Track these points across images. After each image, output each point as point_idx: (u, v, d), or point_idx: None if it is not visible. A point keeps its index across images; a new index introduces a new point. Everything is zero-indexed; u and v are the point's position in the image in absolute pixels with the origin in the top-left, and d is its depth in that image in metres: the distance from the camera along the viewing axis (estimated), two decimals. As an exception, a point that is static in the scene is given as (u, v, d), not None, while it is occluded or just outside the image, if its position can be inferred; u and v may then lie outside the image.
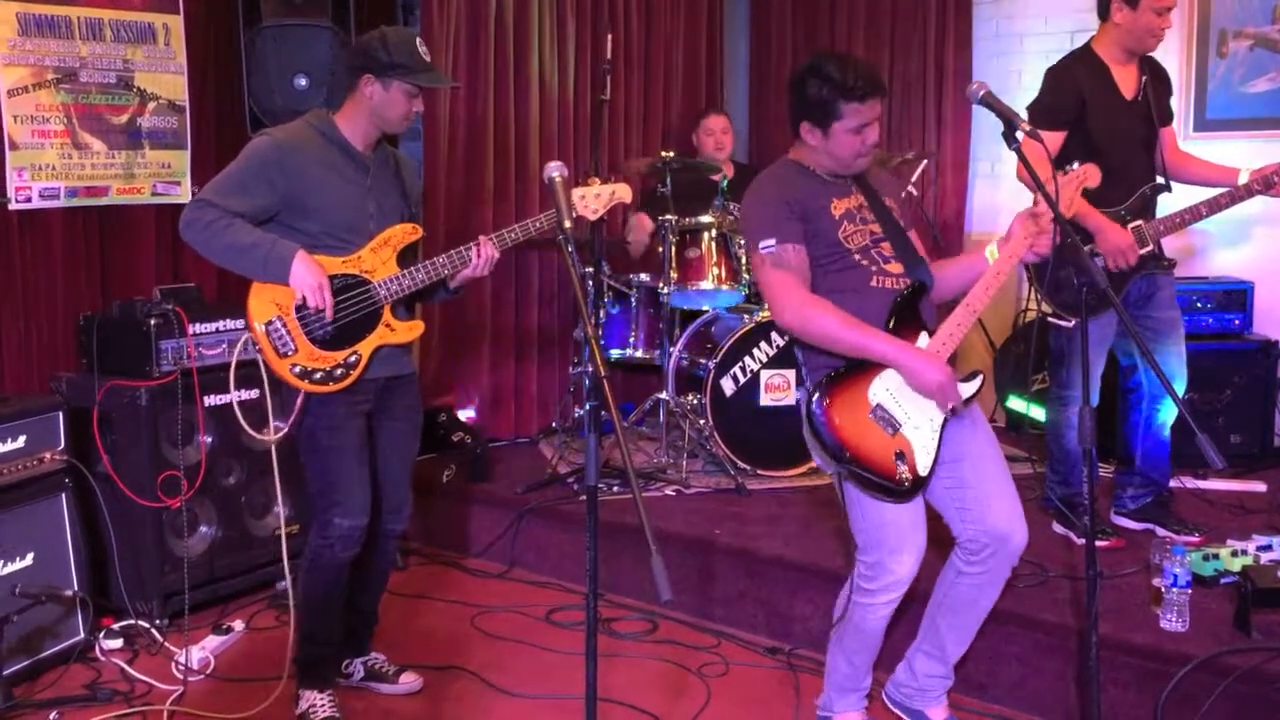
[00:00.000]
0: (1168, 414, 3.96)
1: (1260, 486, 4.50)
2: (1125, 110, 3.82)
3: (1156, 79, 3.92)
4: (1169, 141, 3.96)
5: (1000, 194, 5.84)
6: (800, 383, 2.99)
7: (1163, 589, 3.18)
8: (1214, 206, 3.73)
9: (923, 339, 2.87)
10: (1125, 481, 4.09)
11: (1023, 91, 5.40)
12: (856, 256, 2.89)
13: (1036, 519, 4.13)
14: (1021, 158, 2.76)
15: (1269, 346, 4.88)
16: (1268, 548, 3.55)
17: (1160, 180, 3.85)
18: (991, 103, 2.77)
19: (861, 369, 2.83)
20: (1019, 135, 2.75)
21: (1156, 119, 3.87)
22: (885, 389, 2.83)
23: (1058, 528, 4.01)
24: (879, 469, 2.79)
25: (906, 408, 2.83)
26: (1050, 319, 3.84)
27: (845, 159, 2.89)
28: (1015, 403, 5.57)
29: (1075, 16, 5.51)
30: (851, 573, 2.98)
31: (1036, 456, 4.75)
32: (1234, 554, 3.52)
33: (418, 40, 3.06)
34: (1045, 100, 3.81)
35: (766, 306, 2.91)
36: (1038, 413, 5.39)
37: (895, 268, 2.92)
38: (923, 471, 2.81)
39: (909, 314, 2.89)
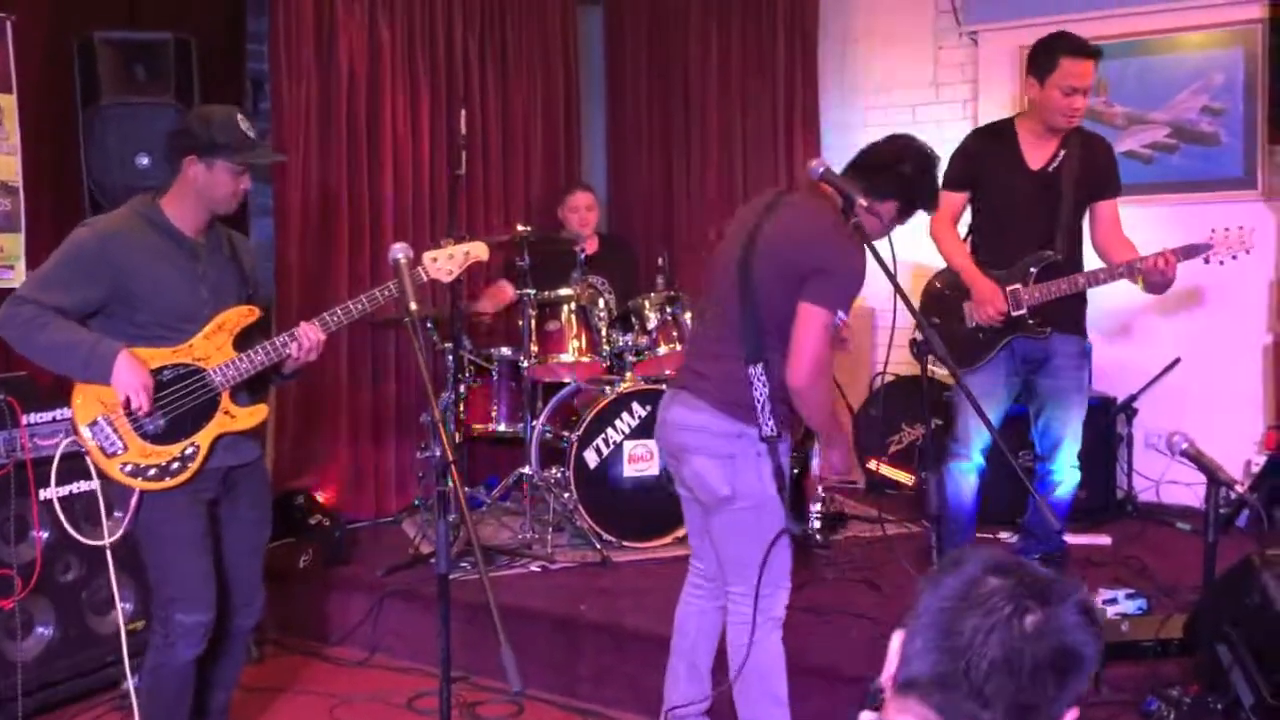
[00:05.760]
0: (1059, 473, 4.10)
1: (1105, 540, 4.66)
2: (1027, 179, 3.97)
3: (1089, 154, 3.99)
4: (1104, 216, 4.05)
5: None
6: (743, 417, 2.93)
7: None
8: (1091, 280, 3.93)
9: None
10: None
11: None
12: None
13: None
14: (861, 231, 2.82)
15: (1108, 404, 5.08)
16: (1113, 601, 3.67)
17: (1049, 252, 3.94)
18: (831, 180, 2.85)
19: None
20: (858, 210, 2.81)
21: (1071, 192, 3.95)
22: None
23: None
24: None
25: None
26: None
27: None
28: (873, 464, 5.68)
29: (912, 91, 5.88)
30: (753, 615, 2.98)
31: (892, 517, 4.87)
32: (1082, 608, 3.61)
33: (239, 117, 3.00)
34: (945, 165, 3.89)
35: (791, 355, 2.86)
36: (893, 474, 5.54)
37: None
38: None
39: None
